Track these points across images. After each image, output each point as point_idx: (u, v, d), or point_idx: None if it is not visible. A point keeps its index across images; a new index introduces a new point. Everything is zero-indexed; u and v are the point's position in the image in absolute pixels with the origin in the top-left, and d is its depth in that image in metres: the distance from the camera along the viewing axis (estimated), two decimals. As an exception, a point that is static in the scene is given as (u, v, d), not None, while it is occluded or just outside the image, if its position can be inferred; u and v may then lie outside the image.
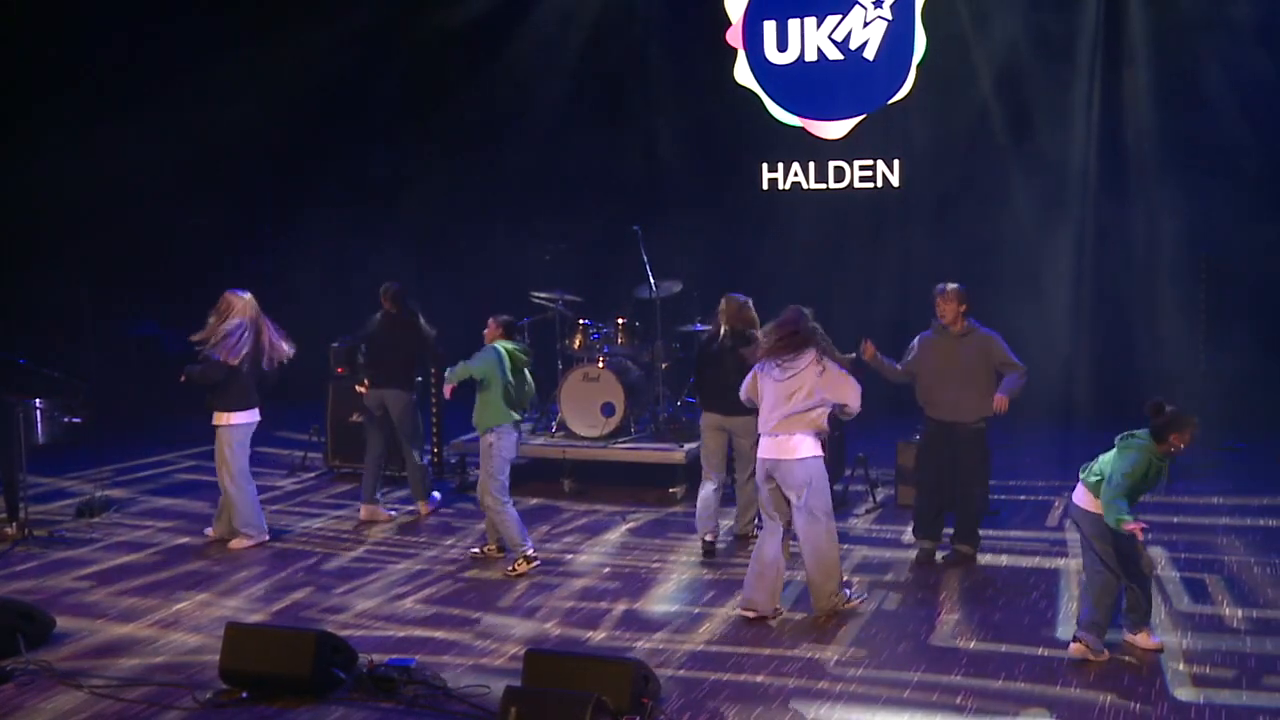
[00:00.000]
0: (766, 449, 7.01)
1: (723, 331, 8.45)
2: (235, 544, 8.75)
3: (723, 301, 8.56)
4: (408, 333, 9.44)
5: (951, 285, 7.85)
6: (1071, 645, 6.35)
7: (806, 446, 6.92)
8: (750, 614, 7.05)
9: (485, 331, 8.32)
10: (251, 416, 8.71)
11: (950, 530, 8.16)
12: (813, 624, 6.96)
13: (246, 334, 8.53)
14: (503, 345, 8.18)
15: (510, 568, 7.99)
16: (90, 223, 13.37)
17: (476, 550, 8.45)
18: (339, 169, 14.73)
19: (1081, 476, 6.38)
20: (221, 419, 8.64)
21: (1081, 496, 6.35)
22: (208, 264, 14.17)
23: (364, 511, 9.51)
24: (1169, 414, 6.16)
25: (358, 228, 14.40)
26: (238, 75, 13.74)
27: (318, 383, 11.18)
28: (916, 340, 8.01)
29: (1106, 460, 6.27)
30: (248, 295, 8.68)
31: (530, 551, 8.05)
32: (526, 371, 8.30)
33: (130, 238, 13.54)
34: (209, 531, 9.03)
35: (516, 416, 8.16)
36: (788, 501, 7.00)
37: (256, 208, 14.97)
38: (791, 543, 7.19)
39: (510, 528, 7.99)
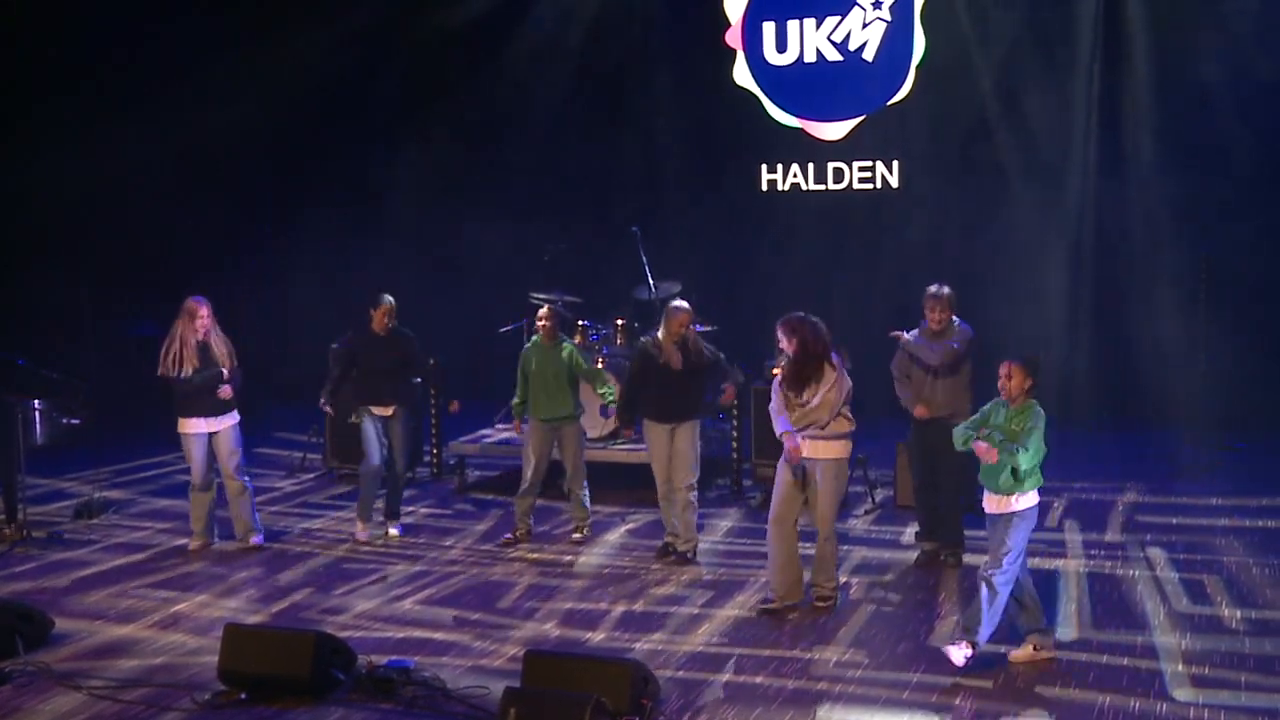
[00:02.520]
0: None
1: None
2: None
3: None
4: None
5: (946, 290, 7.78)
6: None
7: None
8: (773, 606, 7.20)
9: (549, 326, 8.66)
10: (184, 426, 8.70)
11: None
12: (813, 624, 6.96)
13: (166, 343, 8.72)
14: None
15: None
16: (90, 223, 13.35)
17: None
18: (339, 169, 14.72)
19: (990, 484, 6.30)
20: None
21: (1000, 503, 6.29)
22: (208, 264, 14.15)
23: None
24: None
25: (358, 228, 14.40)
26: (238, 75, 13.73)
27: (317, 383, 11.16)
28: (903, 344, 7.92)
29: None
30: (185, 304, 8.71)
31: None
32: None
33: (130, 238, 13.52)
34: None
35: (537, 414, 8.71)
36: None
37: (256, 208, 14.96)
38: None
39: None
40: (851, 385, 7.12)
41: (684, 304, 8.34)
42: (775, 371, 9.59)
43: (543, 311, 8.70)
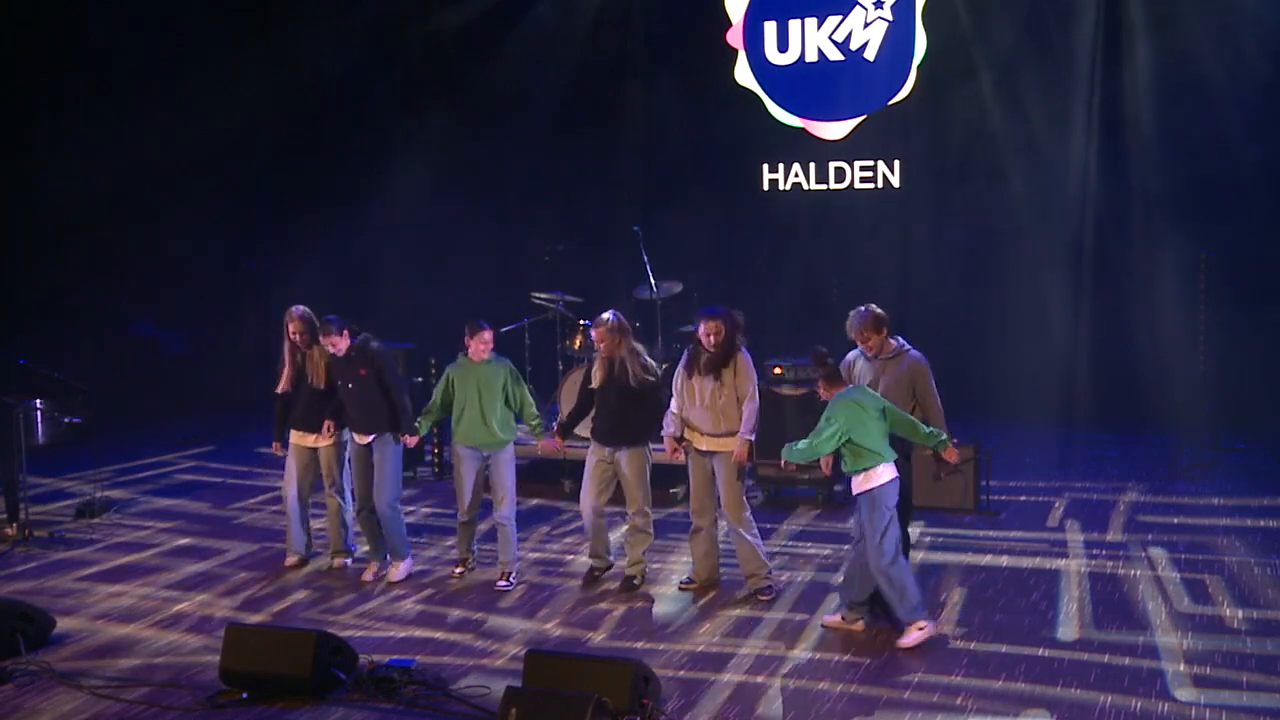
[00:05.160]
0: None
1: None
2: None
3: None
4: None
5: (864, 314, 7.08)
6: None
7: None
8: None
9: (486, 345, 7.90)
10: (295, 438, 8.20)
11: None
12: (813, 624, 6.97)
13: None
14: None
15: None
16: (90, 222, 13.37)
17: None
18: (339, 169, 14.73)
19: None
20: None
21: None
22: (207, 264, 14.18)
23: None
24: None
25: (357, 228, 14.40)
26: (238, 75, 13.74)
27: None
28: (845, 361, 7.31)
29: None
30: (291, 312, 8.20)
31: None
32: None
33: (130, 238, 13.53)
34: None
35: (463, 440, 7.95)
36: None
37: (256, 207, 14.97)
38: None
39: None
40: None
41: (605, 316, 7.65)
42: (777, 371, 9.63)
43: (486, 335, 7.84)
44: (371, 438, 7.94)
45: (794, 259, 13.14)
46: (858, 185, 13.36)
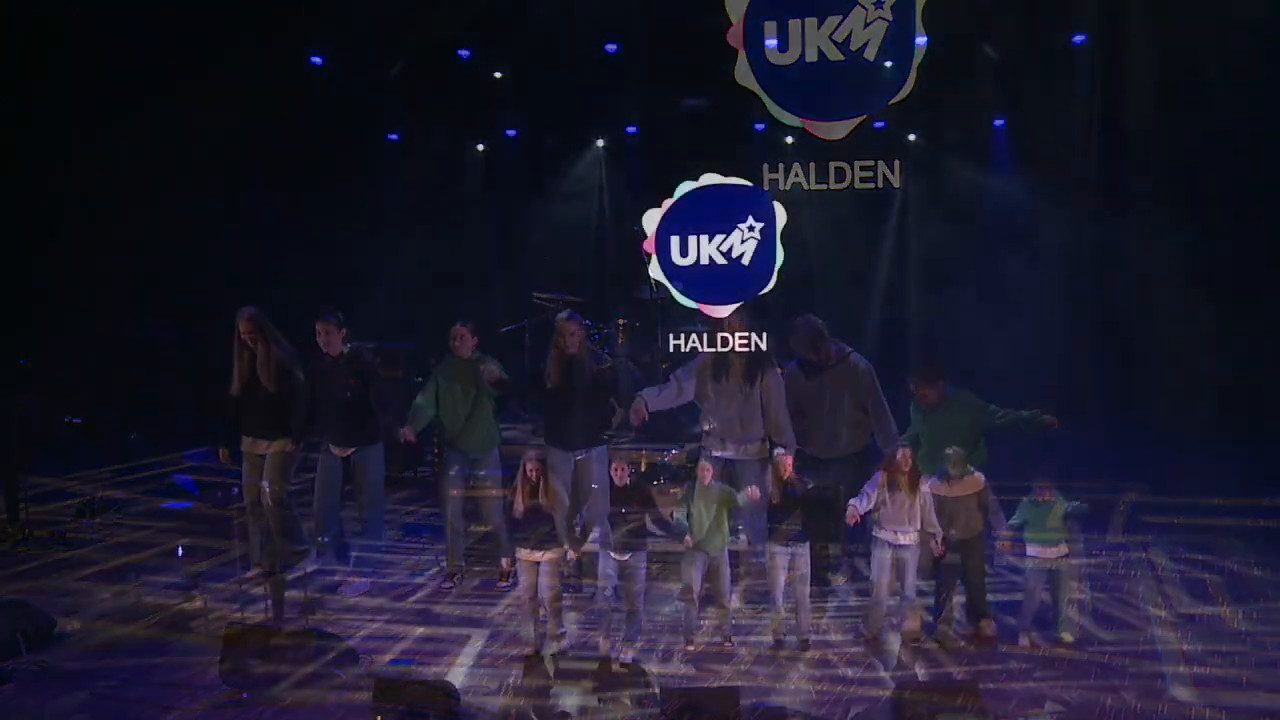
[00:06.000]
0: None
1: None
2: None
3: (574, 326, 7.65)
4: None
5: (815, 326, 7.14)
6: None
7: None
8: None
9: (469, 342, 7.80)
10: (246, 445, 8.06)
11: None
12: (814, 624, 6.96)
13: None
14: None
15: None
16: (90, 222, 13.36)
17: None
18: (339, 167, 14.71)
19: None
20: None
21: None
22: (206, 263, 14.15)
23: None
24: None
25: (358, 227, 14.38)
26: (237, 73, 13.72)
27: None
28: (788, 370, 7.30)
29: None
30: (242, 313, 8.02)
31: None
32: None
33: (130, 237, 13.52)
34: None
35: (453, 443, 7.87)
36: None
37: (256, 207, 14.95)
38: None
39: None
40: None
41: (564, 314, 7.72)
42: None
43: (454, 329, 7.77)
44: (351, 451, 7.84)
45: (792, 259, 13.11)
46: (858, 185, 13.31)
